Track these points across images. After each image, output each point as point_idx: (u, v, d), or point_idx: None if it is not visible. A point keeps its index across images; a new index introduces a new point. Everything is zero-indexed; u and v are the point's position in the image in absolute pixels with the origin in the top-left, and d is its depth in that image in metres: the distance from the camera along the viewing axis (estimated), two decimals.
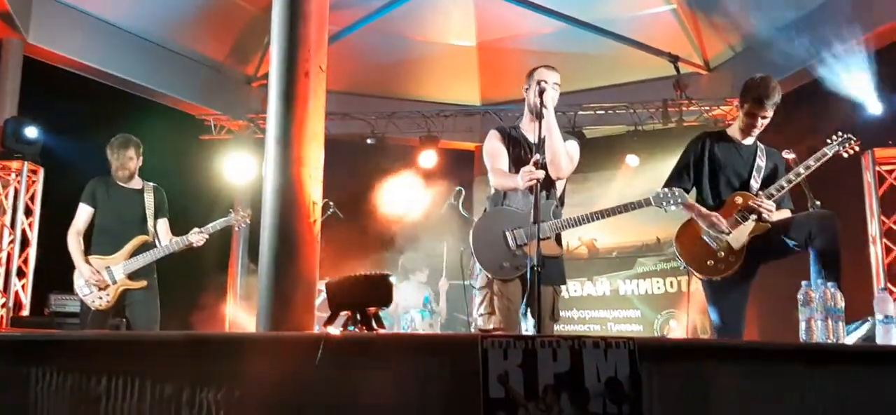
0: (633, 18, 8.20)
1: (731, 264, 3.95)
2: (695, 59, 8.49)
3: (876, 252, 6.77)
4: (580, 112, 8.55)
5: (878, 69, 6.64)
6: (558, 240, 3.98)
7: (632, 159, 8.35)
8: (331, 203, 6.73)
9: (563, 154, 3.89)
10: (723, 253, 3.97)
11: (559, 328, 4.06)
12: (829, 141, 4.08)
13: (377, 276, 2.85)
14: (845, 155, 4.08)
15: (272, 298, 2.98)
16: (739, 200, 4.00)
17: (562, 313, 4.18)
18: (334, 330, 2.46)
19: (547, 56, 4.60)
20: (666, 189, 3.93)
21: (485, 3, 8.27)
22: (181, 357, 2.51)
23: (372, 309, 2.83)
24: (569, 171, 3.98)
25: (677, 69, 8.40)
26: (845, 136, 4.08)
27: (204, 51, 8.72)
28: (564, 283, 4.06)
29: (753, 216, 3.93)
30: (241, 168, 8.80)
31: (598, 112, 8.60)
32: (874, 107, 6.57)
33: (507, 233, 3.84)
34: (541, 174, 3.66)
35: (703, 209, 4.07)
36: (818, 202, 4.03)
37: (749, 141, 4.17)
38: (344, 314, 2.84)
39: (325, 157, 3.47)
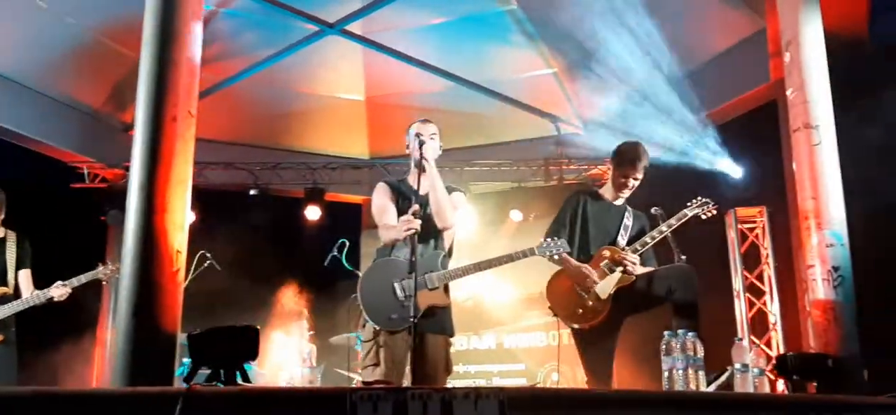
0: (517, 80, 8.47)
1: (598, 313, 4.11)
2: (574, 120, 8.85)
3: (739, 306, 7.17)
4: (466, 168, 8.74)
5: (742, 133, 7.09)
6: (446, 290, 4.00)
7: (515, 214, 8.55)
8: (208, 254, 6.50)
9: (447, 204, 3.95)
10: (591, 302, 4.14)
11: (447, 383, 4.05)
12: (689, 204, 4.37)
13: (242, 327, 2.76)
14: (704, 217, 4.37)
15: (129, 350, 2.81)
16: (607, 253, 4.22)
17: None
18: (195, 384, 2.35)
19: (435, 113, 4.69)
20: (549, 239, 4.09)
21: (374, 59, 8.32)
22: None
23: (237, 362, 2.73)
24: (454, 220, 4.02)
25: (557, 129, 8.77)
26: (703, 200, 4.38)
27: (80, 97, 8.31)
28: (454, 334, 4.05)
29: (619, 269, 4.12)
30: (114, 218, 8.39)
31: (483, 169, 8.83)
32: (736, 170, 7.03)
33: (396, 284, 3.82)
34: (418, 224, 3.68)
35: (574, 262, 4.24)
36: (683, 256, 4.27)
37: (619, 201, 4.43)
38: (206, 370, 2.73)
39: (206, 208, 3.35)
